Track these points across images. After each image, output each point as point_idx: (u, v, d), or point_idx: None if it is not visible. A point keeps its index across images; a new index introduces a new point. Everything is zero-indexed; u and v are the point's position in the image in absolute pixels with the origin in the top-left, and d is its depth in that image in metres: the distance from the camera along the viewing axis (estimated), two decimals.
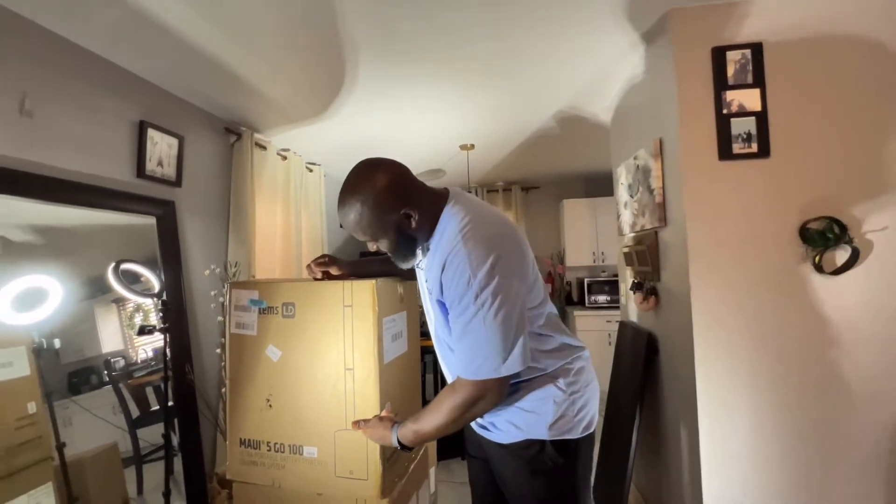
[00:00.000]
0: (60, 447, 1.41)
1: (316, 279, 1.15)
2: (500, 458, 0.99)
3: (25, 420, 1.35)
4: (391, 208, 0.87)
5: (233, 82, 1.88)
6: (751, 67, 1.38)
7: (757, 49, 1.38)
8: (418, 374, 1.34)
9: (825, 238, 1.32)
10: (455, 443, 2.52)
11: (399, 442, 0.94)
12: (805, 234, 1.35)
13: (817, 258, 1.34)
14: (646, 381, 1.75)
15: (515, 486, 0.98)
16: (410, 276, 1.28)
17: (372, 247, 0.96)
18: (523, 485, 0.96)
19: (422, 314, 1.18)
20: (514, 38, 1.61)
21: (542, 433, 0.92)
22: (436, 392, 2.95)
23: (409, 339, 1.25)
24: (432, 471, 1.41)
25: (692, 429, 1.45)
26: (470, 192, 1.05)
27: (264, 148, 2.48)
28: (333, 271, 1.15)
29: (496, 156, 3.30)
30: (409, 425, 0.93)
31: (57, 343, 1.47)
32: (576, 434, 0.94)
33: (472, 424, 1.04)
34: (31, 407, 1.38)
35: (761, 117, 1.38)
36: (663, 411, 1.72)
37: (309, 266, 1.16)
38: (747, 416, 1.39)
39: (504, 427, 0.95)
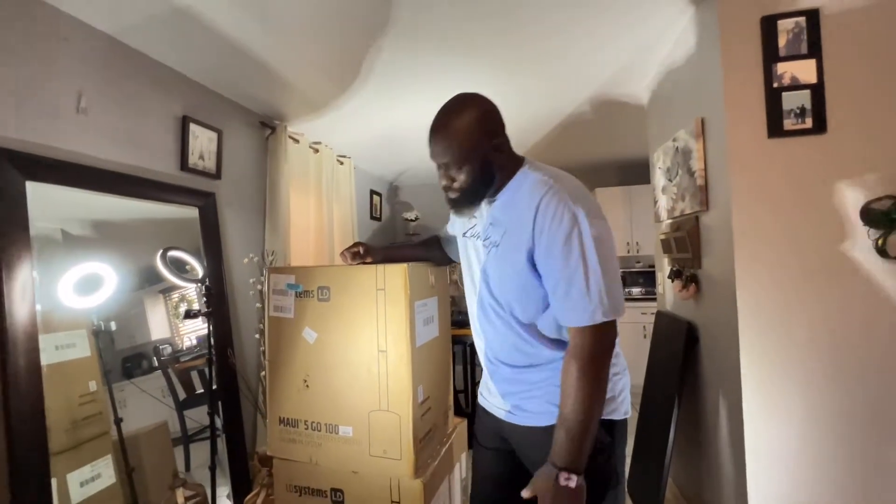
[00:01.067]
0: (118, 422, 1.52)
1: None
2: (535, 444, 0.92)
3: (87, 397, 1.47)
4: (486, 134, 0.89)
5: (266, 75, 1.93)
6: (805, 37, 1.28)
7: (813, 16, 1.28)
8: (449, 359, 1.35)
9: (890, 219, 1.22)
10: None
11: (568, 467, 0.79)
12: (867, 215, 1.25)
13: (880, 241, 1.23)
14: (685, 372, 1.68)
15: None
16: (440, 263, 1.29)
17: (443, 181, 0.94)
18: None
19: (452, 300, 1.18)
20: (555, 18, 1.56)
21: None
22: (465, 382, 2.95)
23: (440, 325, 1.26)
24: (463, 455, 1.41)
25: (736, 424, 1.38)
26: None
27: (297, 141, 2.55)
28: (367, 260, 1.16)
29: (525, 143, 3.23)
30: (558, 442, 0.81)
31: (113, 325, 1.57)
32: (619, 415, 0.91)
33: (499, 411, 0.99)
34: (92, 385, 1.49)
35: (817, 90, 1.28)
36: (704, 404, 1.65)
37: (343, 254, 1.18)
38: (798, 413, 1.31)
39: (542, 408, 0.91)
